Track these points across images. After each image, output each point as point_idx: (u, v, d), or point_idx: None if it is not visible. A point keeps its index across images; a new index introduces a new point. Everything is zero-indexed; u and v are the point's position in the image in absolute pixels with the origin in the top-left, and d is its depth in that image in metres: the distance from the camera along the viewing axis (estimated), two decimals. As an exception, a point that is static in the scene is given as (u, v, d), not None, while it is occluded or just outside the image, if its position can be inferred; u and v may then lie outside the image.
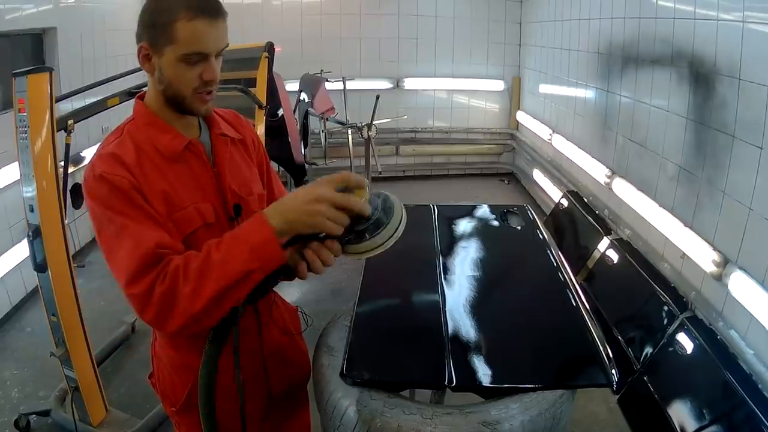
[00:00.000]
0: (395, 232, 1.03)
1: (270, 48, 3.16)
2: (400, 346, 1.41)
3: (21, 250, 3.38)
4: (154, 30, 1.11)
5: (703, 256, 2.71)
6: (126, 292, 1.03)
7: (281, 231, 1.00)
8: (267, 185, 1.42)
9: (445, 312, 1.47)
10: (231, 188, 1.26)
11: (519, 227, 2.07)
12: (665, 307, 2.83)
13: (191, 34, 1.09)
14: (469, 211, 2.23)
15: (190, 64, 1.12)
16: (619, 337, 2.98)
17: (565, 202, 4.53)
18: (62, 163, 2.26)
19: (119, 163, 1.11)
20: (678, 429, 2.35)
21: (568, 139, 4.83)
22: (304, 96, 4.93)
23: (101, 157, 1.13)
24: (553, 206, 4.82)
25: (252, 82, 3.02)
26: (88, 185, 1.11)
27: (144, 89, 1.30)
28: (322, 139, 5.05)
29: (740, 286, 2.42)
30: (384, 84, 6.10)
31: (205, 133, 1.28)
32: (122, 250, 1.05)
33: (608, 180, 3.91)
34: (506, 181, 6.46)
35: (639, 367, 2.75)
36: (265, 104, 2.94)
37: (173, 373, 1.33)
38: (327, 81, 4.99)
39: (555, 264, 1.75)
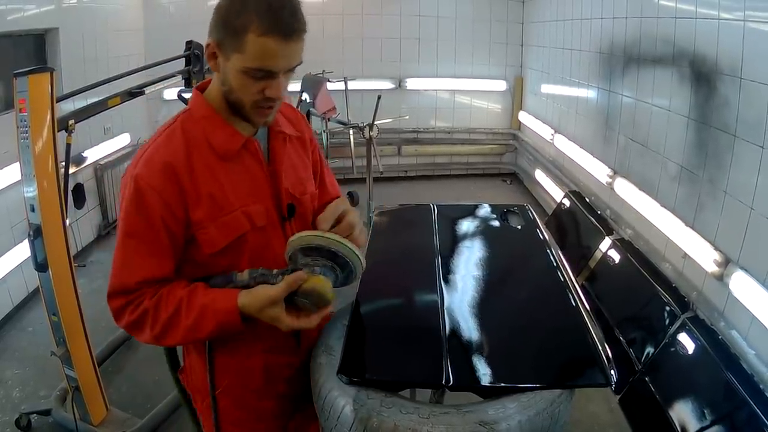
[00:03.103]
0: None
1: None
2: (398, 345, 1.40)
3: (22, 250, 3.40)
4: (224, 31, 1.04)
5: (705, 256, 2.71)
6: (107, 299, 1.15)
7: (246, 316, 1.12)
8: (320, 184, 1.41)
9: (443, 311, 1.47)
10: (285, 188, 1.24)
11: (519, 227, 2.06)
12: (666, 307, 2.82)
13: (260, 50, 1.01)
14: (469, 211, 2.22)
15: (254, 78, 1.06)
16: (621, 338, 2.97)
17: (566, 202, 4.52)
18: (63, 163, 2.27)
19: (167, 170, 1.10)
20: (679, 429, 2.34)
21: (570, 139, 4.82)
22: (305, 96, 4.93)
23: (148, 162, 1.11)
24: (555, 206, 4.81)
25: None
26: (124, 178, 1.16)
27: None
28: (324, 140, 5.05)
29: (741, 286, 2.41)
30: (386, 84, 6.10)
31: (262, 130, 1.24)
32: (117, 261, 1.13)
33: (610, 180, 3.90)
34: (508, 182, 6.45)
35: (640, 367, 2.74)
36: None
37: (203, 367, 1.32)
38: (328, 81, 4.98)
39: (554, 263, 1.74)
